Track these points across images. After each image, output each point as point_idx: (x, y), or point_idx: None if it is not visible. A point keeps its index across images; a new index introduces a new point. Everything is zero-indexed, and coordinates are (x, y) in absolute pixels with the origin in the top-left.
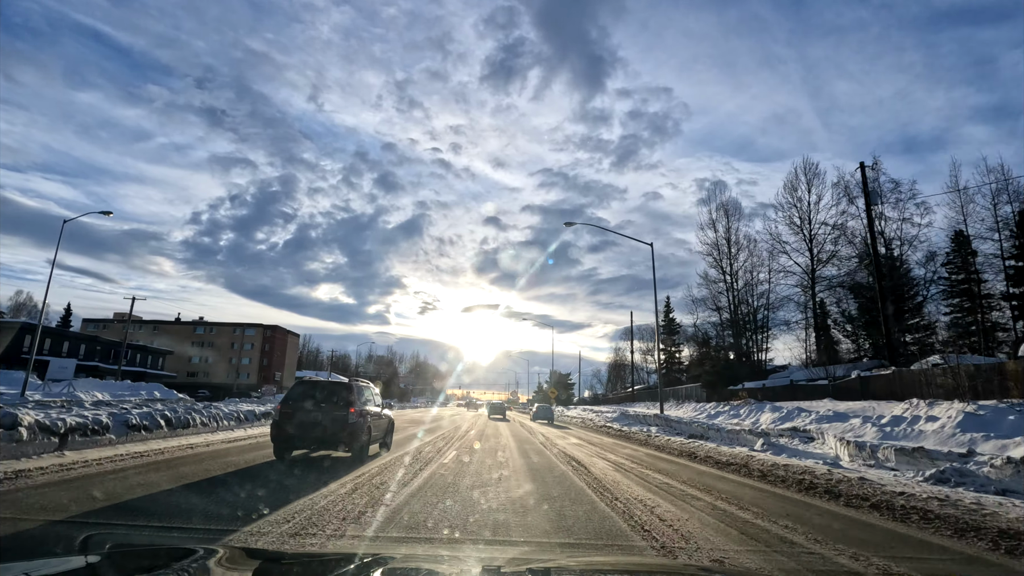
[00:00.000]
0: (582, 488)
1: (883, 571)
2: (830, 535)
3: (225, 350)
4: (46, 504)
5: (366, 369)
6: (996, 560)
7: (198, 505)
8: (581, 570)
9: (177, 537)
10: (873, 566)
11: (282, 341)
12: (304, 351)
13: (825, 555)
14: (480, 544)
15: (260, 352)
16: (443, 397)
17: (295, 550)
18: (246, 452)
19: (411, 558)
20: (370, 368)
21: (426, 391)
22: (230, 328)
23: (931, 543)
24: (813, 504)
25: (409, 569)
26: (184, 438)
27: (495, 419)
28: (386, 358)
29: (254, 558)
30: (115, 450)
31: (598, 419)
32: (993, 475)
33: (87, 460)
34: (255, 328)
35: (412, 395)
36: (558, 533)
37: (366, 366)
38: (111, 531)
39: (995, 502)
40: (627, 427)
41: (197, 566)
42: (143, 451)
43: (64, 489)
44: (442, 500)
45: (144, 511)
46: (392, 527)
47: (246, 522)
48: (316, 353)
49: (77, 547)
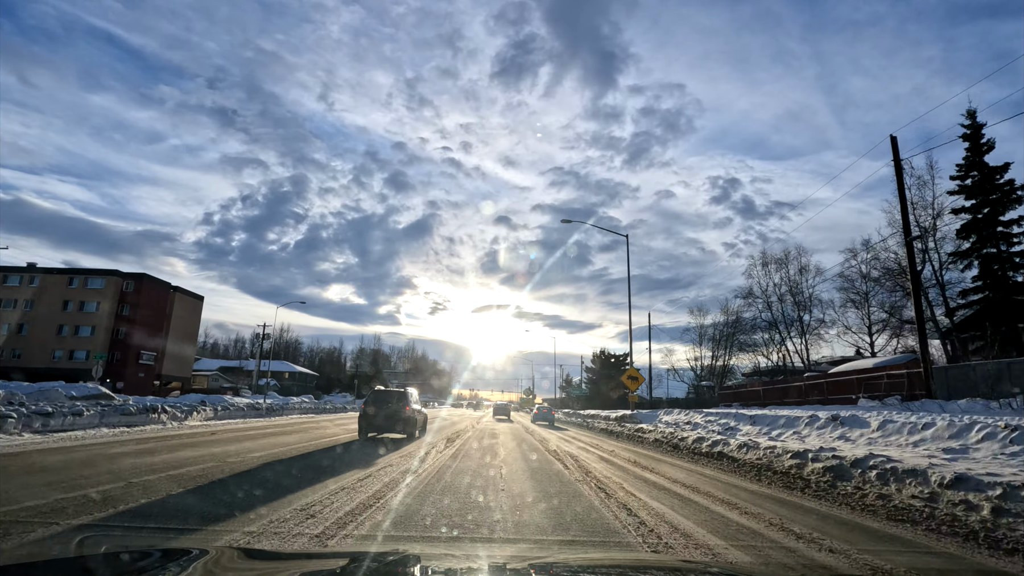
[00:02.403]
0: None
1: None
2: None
3: (53, 316)
4: None
5: (395, 368)
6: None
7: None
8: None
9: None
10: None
11: (156, 299)
12: (319, 347)
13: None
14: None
15: (113, 317)
16: (452, 398)
17: (293, 550)
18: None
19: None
20: (403, 367)
21: (434, 391)
22: (63, 279)
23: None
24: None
25: (408, 558)
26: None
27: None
28: (410, 357)
29: (251, 558)
30: None
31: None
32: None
33: None
34: (106, 277)
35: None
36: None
37: (387, 364)
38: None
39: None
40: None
41: (192, 568)
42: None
43: None
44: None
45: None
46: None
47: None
48: (337, 351)
49: (73, 548)
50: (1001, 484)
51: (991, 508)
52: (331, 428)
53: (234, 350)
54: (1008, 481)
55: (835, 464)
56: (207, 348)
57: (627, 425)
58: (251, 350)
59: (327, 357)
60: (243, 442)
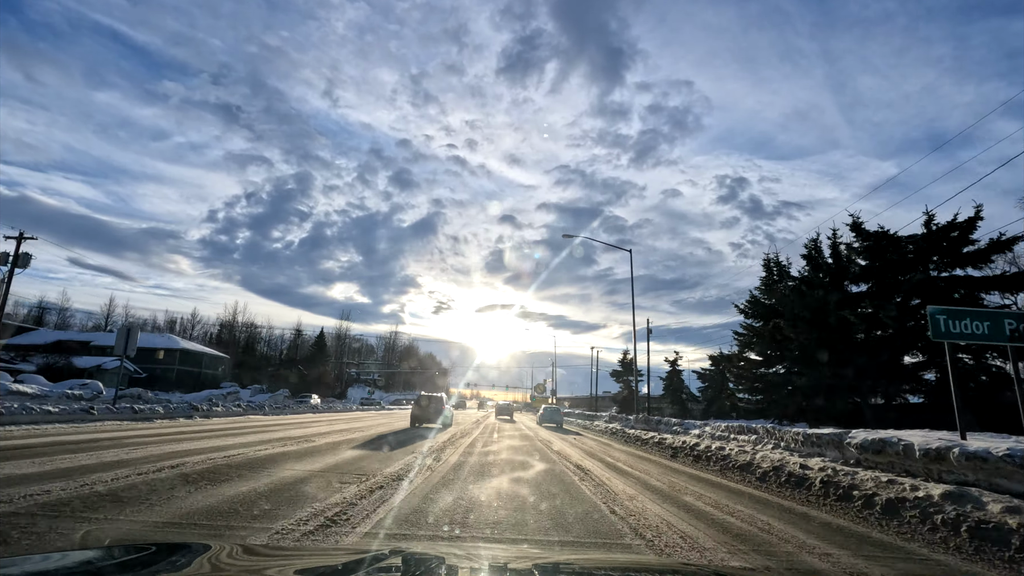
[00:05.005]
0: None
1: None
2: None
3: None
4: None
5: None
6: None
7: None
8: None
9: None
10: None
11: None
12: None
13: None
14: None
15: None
16: (455, 399)
17: (294, 546)
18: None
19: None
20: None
21: (439, 390)
22: None
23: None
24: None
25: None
26: None
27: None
28: (423, 357)
29: (252, 554)
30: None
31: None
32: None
33: None
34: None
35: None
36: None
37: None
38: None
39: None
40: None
41: (195, 564)
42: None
43: None
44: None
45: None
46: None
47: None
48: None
49: (77, 541)
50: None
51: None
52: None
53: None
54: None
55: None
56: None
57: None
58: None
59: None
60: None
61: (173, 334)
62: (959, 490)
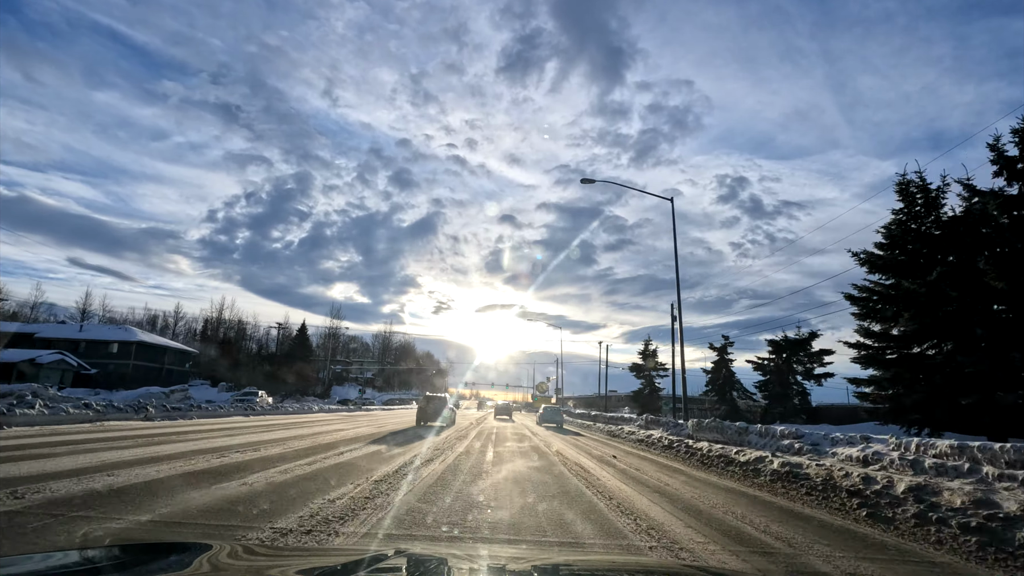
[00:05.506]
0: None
1: None
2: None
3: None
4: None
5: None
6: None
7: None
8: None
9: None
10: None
11: None
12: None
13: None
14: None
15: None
16: (454, 398)
17: (294, 546)
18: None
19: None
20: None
21: (438, 390)
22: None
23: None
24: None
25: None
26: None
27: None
28: (420, 356)
29: (252, 554)
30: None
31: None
32: None
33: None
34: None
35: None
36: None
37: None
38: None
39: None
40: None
41: (195, 564)
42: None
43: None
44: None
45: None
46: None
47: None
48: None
49: (77, 540)
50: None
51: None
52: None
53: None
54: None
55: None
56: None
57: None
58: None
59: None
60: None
61: (154, 331)
62: None
